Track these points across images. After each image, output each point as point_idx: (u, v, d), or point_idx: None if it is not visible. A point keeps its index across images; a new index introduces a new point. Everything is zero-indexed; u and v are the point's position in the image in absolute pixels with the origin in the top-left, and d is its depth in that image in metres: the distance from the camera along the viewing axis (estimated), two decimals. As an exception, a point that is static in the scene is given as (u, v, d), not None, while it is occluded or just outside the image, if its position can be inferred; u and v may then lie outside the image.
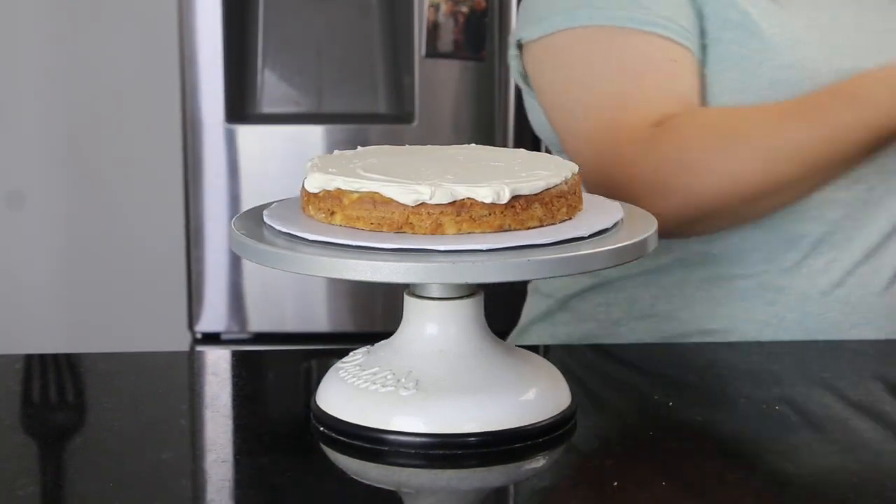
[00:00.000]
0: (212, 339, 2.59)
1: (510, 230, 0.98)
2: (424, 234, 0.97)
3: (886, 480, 0.96)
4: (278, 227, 1.01)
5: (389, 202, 0.97)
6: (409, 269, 0.93)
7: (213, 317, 2.60)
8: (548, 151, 1.37)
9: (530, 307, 1.42)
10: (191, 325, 2.65)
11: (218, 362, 1.24)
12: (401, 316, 1.05)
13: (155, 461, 1.00)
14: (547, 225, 1.00)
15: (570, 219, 1.02)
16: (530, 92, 1.30)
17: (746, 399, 1.14)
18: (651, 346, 1.32)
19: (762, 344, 1.33)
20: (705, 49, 1.20)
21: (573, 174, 1.03)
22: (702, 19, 1.19)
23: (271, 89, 2.54)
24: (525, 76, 1.28)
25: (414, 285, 1.02)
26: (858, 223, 1.28)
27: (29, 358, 1.22)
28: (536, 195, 0.99)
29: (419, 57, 2.57)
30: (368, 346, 1.07)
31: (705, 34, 1.20)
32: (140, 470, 0.99)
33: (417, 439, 0.97)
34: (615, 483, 0.98)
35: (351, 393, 1.00)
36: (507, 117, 2.58)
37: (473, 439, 0.97)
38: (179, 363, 1.32)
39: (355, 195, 0.98)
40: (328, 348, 1.25)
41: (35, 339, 2.36)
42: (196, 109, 2.47)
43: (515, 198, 0.98)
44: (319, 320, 2.55)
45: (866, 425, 1.08)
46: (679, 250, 1.27)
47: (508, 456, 0.98)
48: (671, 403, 1.14)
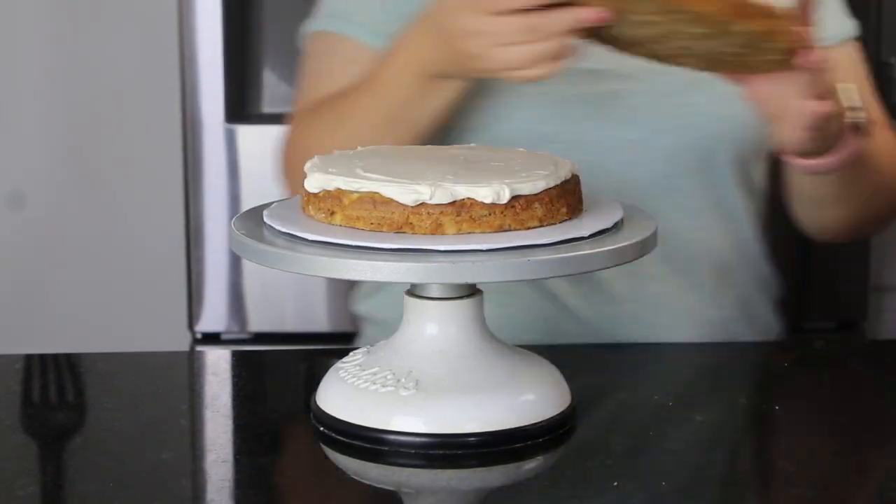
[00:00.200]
0: (212, 339, 2.59)
1: (510, 230, 0.98)
2: (424, 235, 0.96)
3: (889, 481, 0.96)
4: (278, 228, 1.01)
5: (389, 202, 0.97)
6: (409, 269, 0.93)
7: (213, 317, 2.59)
8: None
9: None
10: (191, 325, 2.64)
11: (218, 362, 1.25)
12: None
13: (155, 461, 1.00)
14: (547, 225, 1.00)
15: (571, 219, 1.02)
16: None
17: (747, 399, 1.14)
18: (651, 346, 1.32)
19: (758, 344, 1.33)
20: None
21: (573, 174, 1.03)
22: None
23: (271, 89, 2.54)
24: None
25: (414, 285, 1.02)
26: None
27: (29, 358, 1.22)
28: (536, 195, 0.99)
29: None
30: (368, 346, 1.07)
31: None
32: (140, 470, 0.99)
33: (417, 439, 0.97)
34: (615, 483, 0.98)
35: (351, 393, 1.00)
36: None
37: (473, 439, 0.97)
38: (179, 363, 1.32)
39: (355, 195, 0.98)
40: (328, 348, 1.25)
41: (35, 339, 2.35)
42: (196, 109, 2.47)
43: (515, 198, 0.98)
44: (319, 320, 2.54)
45: (868, 425, 1.08)
46: None
47: (508, 456, 0.98)
48: (671, 403, 1.14)
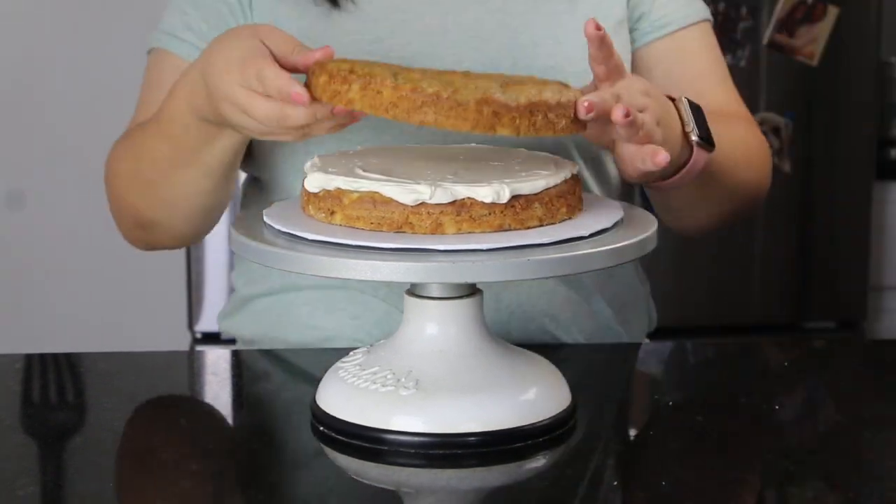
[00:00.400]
0: (211, 339, 2.59)
1: (510, 230, 0.98)
2: (424, 234, 0.96)
3: (889, 481, 0.95)
4: (278, 227, 1.00)
5: (389, 202, 0.97)
6: (410, 269, 0.93)
7: (213, 317, 2.59)
8: None
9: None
10: (190, 325, 2.64)
11: (218, 362, 1.24)
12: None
13: (155, 461, 1.00)
14: (547, 225, 1.00)
15: (571, 219, 1.02)
16: None
17: (746, 398, 1.14)
18: (650, 346, 1.32)
19: (758, 344, 1.34)
20: None
21: (573, 174, 1.03)
22: None
23: (271, 89, 2.54)
24: None
25: (414, 285, 1.02)
26: None
27: (29, 358, 1.22)
28: (536, 195, 0.99)
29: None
30: (368, 346, 1.07)
31: None
32: (140, 470, 0.99)
33: (417, 439, 0.97)
34: (615, 483, 0.98)
35: (351, 392, 1.00)
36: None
37: (473, 439, 0.97)
38: (179, 363, 1.32)
39: (355, 195, 0.98)
40: (328, 348, 1.25)
41: (35, 339, 2.35)
42: (196, 109, 2.47)
43: (515, 197, 0.97)
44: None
45: (867, 425, 1.08)
46: None
47: (508, 455, 0.98)
48: (671, 403, 1.14)
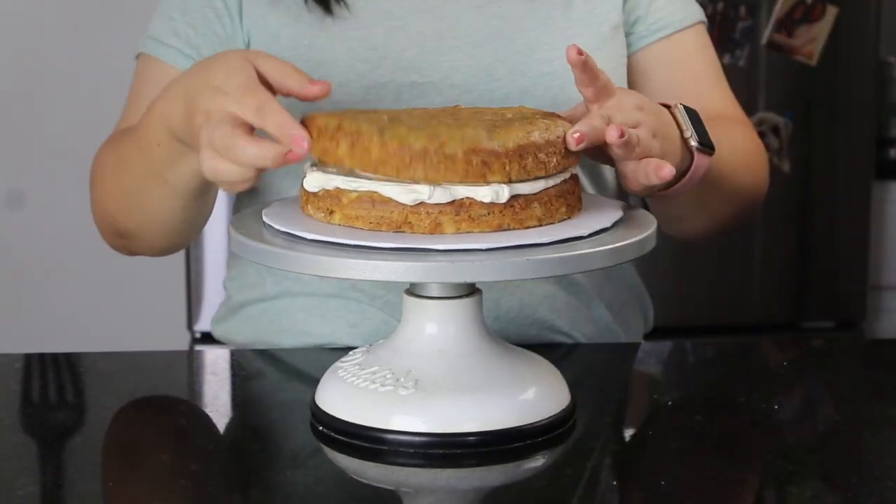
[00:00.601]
0: (211, 339, 2.59)
1: (509, 229, 0.98)
2: (423, 234, 0.96)
3: (888, 481, 0.95)
4: (277, 227, 1.00)
5: (388, 201, 0.97)
6: (409, 269, 0.93)
7: (212, 316, 2.60)
8: None
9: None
10: (190, 325, 2.64)
11: (217, 362, 1.24)
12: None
13: (155, 461, 1.00)
14: (546, 224, 1.00)
15: (570, 218, 1.01)
16: None
17: (746, 398, 1.13)
18: (650, 346, 1.32)
19: (758, 344, 1.33)
20: None
21: (572, 174, 1.03)
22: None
23: (271, 89, 2.54)
24: None
25: (413, 285, 1.02)
26: None
27: (29, 357, 1.22)
28: (535, 195, 0.99)
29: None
30: (368, 346, 1.07)
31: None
32: (139, 470, 0.99)
33: (416, 438, 0.97)
34: (614, 483, 0.98)
35: (350, 392, 1.00)
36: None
37: (472, 439, 0.97)
38: (179, 363, 1.32)
39: (354, 194, 0.98)
40: (328, 347, 1.25)
41: (35, 339, 2.35)
42: (196, 109, 2.47)
43: (514, 197, 0.97)
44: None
45: (867, 424, 1.08)
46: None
47: (508, 455, 0.98)
48: (670, 403, 1.14)
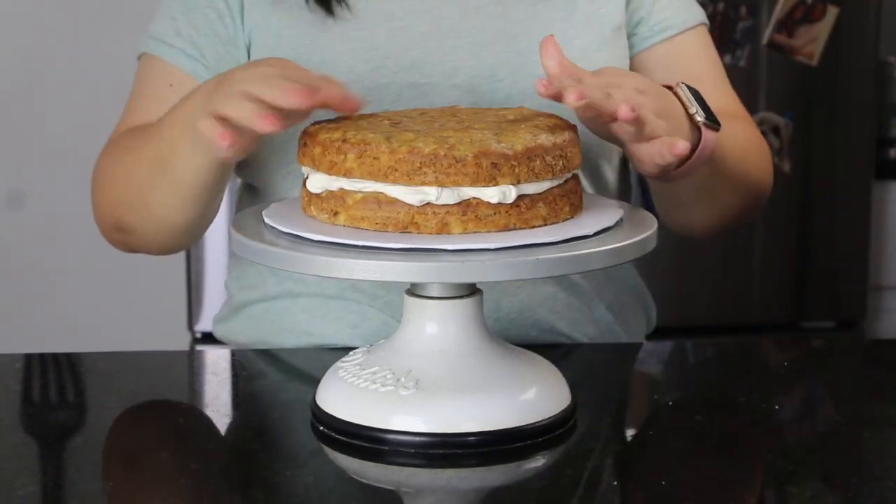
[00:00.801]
0: (211, 339, 2.58)
1: (515, 229, 0.98)
2: (430, 234, 0.96)
3: (888, 481, 0.95)
4: (281, 228, 1.00)
5: (395, 202, 0.97)
6: (420, 269, 0.93)
7: (213, 316, 2.60)
8: None
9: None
10: (190, 325, 2.64)
11: (218, 362, 1.24)
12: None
13: (154, 461, 1.00)
14: (551, 224, 1.00)
15: (573, 218, 1.02)
16: None
17: (746, 398, 1.14)
18: (650, 346, 1.32)
19: (758, 344, 1.33)
20: None
21: (573, 174, 1.03)
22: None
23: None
24: None
25: (415, 284, 1.02)
26: None
27: (29, 357, 1.22)
28: (541, 195, 0.99)
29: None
30: (368, 346, 1.07)
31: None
32: (140, 470, 0.99)
33: (417, 438, 0.97)
34: (614, 483, 0.98)
35: (351, 392, 1.00)
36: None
37: (473, 439, 0.97)
38: (179, 363, 1.32)
39: (359, 195, 0.98)
40: (328, 347, 1.25)
41: (35, 339, 2.35)
42: (196, 109, 2.47)
43: (520, 197, 0.97)
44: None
45: (867, 424, 1.08)
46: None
47: (508, 455, 0.98)
48: (670, 403, 1.14)
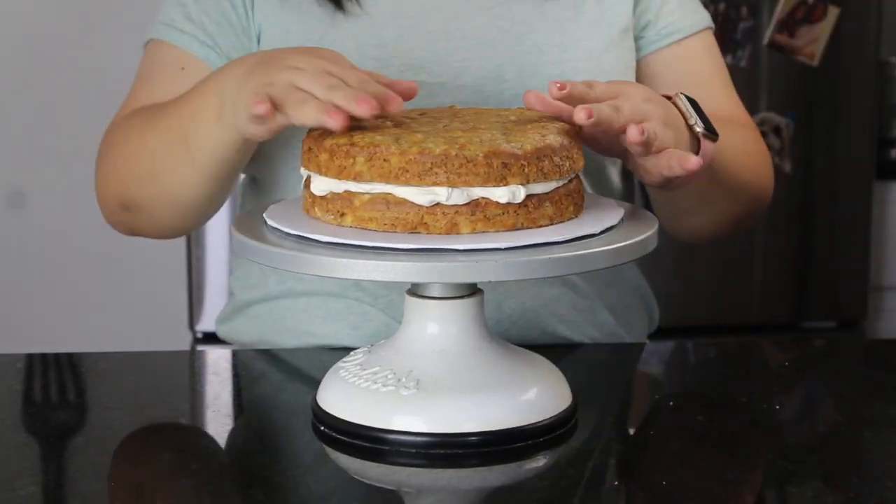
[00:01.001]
0: (212, 339, 2.59)
1: (522, 228, 0.98)
2: (439, 234, 0.96)
3: (888, 481, 0.96)
4: (287, 230, 1.00)
5: (403, 202, 0.97)
6: (432, 269, 0.93)
7: (214, 316, 2.60)
8: None
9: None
10: (191, 325, 2.64)
11: (218, 362, 1.24)
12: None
13: (155, 461, 1.00)
14: (557, 223, 1.00)
15: (577, 217, 1.02)
16: None
17: (747, 398, 1.14)
18: (651, 346, 1.32)
19: (758, 343, 1.33)
20: None
21: (576, 174, 1.03)
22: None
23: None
24: None
25: (415, 285, 1.02)
26: None
27: (30, 357, 1.22)
28: (547, 194, 0.99)
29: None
30: (369, 346, 1.07)
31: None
32: (140, 470, 0.99)
33: (418, 439, 0.97)
34: (616, 483, 0.98)
35: (352, 392, 1.00)
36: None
37: (474, 439, 0.97)
38: (180, 363, 1.32)
39: (367, 196, 0.98)
40: (329, 347, 1.25)
41: (36, 339, 2.35)
42: (196, 109, 2.47)
43: (528, 197, 0.98)
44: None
45: (867, 424, 1.08)
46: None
47: (509, 456, 0.98)
48: (671, 403, 1.14)
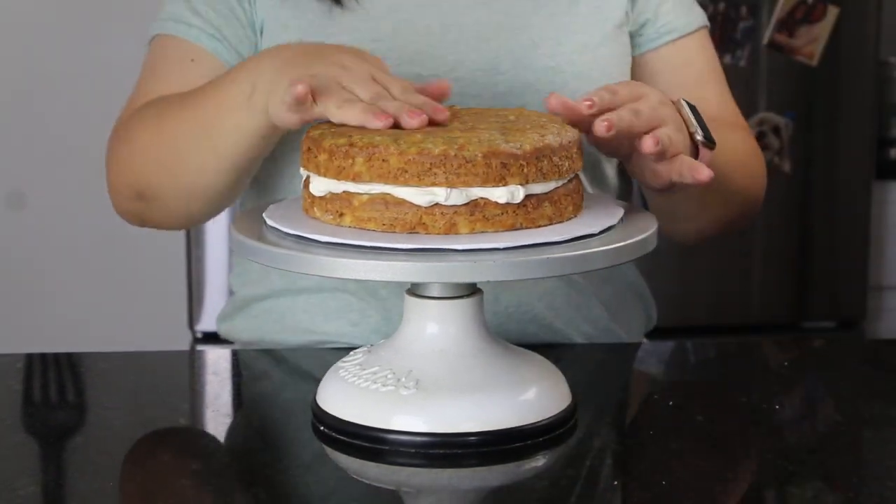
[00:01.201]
0: (212, 339, 2.59)
1: (521, 228, 0.98)
2: (438, 234, 0.96)
3: (888, 481, 0.96)
4: (286, 230, 1.00)
5: (402, 203, 0.97)
6: (431, 269, 0.93)
7: (214, 316, 2.59)
8: None
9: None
10: (191, 325, 2.64)
11: (218, 362, 1.24)
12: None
13: (155, 461, 1.00)
14: (556, 223, 1.00)
15: (576, 217, 1.02)
16: None
17: (747, 398, 1.14)
18: (651, 346, 1.32)
19: (758, 343, 1.33)
20: None
21: (575, 174, 1.03)
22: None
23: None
24: None
25: (415, 284, 1.02)
26: None
27: (30, 357, 1.22)
28: (546, 194, 0.99)
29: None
30: (369, 346, 1.07)
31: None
32: (140, 470, 0.99)
33: (417, 438, 0.97)
34: (615, 483, 0.98)
35: (351, 392, 1.00)
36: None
37: (473, 439, 0.97)
38: (180, 362, 1.32)
39: (365, 197, 0.98)
40: (328, 347, 1.25)
41: (36, 339, 2.35)
42: (196, 109, 2.47)
43: (527, 197, 0.98)
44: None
45: (867, 424, 1.08)
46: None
47: (509, 455, 0.98)
48: (671, 403, 1.14)
